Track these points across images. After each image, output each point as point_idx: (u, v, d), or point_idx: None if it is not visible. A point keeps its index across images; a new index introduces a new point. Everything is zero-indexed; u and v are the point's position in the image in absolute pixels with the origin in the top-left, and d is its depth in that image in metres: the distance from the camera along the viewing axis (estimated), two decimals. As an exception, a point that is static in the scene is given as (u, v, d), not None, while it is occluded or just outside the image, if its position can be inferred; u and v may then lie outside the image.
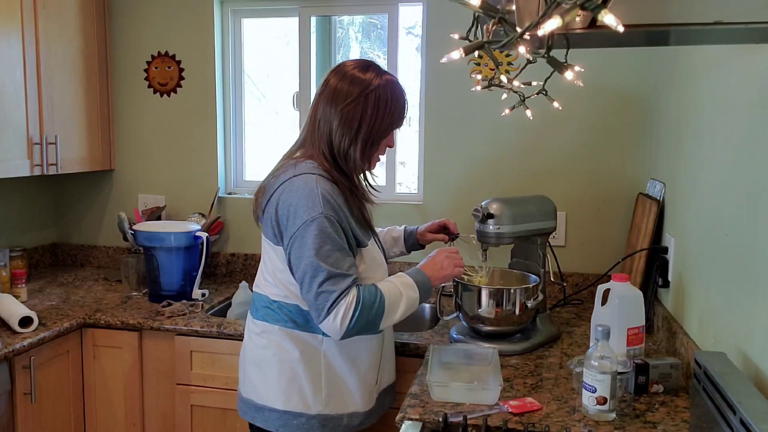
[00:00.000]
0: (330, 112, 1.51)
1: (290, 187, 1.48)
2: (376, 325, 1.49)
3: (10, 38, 2.20)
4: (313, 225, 1.43)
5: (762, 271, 1.19)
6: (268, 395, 1.57)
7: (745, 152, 1.31)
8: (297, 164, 1.53)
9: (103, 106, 2.71)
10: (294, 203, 1.46)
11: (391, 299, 1.49)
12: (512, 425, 1.34)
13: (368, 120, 1.50)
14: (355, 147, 1.51)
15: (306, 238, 1.44)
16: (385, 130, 1.54)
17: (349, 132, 1.50)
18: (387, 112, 1.52)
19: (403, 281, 1.55)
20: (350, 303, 1.43)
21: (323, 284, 1.42)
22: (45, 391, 2.01)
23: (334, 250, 1.44)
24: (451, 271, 1.62)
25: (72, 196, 2.90)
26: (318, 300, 1.44)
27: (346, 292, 1.43)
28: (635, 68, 2.29)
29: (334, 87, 1.52)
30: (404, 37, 2.64)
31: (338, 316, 1.42)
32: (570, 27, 0.89)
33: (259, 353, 1.60)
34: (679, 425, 1.36)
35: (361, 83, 1.50)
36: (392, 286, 1.52)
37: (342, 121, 1.50)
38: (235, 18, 2.73)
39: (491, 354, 1.65)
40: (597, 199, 2.39)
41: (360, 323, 1.44)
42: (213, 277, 2.71)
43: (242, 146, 2.80)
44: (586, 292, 2.29)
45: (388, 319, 1.50)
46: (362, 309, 1.43)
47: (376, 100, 1.50)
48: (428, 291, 1.58)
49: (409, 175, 2.70)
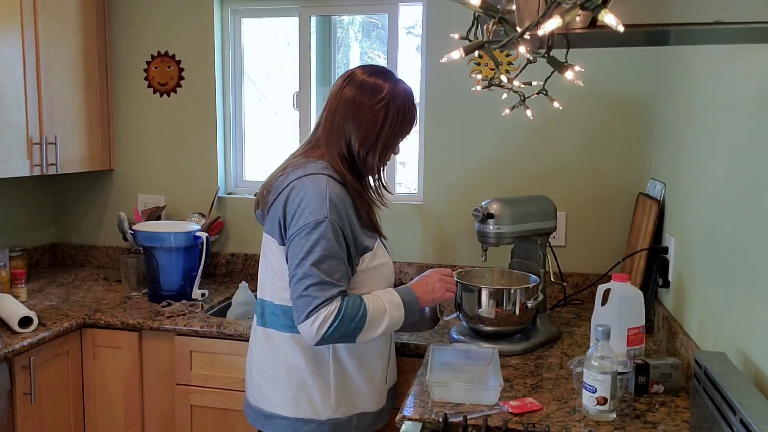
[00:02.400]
0: (351, 116, 1.52)
1: (300, 185, 1.48)
2: (352, 338, 1.48)
3: (9, 38, 2.20)
4: (316, 228, 1.43)
5: (762, 271, 1.19)
6: (277, 403, 1.56)
7: (745, 152, 1.31)
8: (308, 163, 1.53)
9: (103, 106, 2.70)
10: (302, 203, 1.46)
11: (373, 316, 1.48)
12: (512, 425, 1.34)
13: (389, 126, 1.53)
14: (374, 152, 1.54)
15: (306, 240, 1.43)
16: (402, 135, 1.58)
17: (370, 137, 1.52)
18: (406, 119, 1.56)
19: (390, 298, 1.53)
20: (331, 312, 1.42)
21: (309, 288, 1.42)
22: (45, 391, 2.00)
23: (329, 257, 1.44)
24: (441, 295, 1.61)
25: (72, 196, 2.90)
26: (300, 301, 1.44)
27: (330, 301, 1.43)
28: (635, 68, 2.29)
29: (354, 93, 1.53)
30: (404, 37, 2.63)
31: (316, 323, 1.42)
32: (570, 27, 0.89)
33: (266, 360, 1.59)
34: (679, 425, 1.36)
35: (382, 90, 1.52)
36: (378, 302, 1.51)
37: (364, 127, 1.52)
38: (235, 18, 2.73)
39: (491, 354, 1.65)
40: (597, 199, 2.39)
41: (336, 334, 1.43)
42: (213, 277, 2.70)
43: (242, 146, 2.80)
44: (586, 292, 2.29)
45: (367, 334, 1.48)
46: (341, 320, 1.42)
47: (396, 108, 1.53)
48: (414, 311, 1.56)
49: (409, 175, 2.70)
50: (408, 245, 2.55)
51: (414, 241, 2.55)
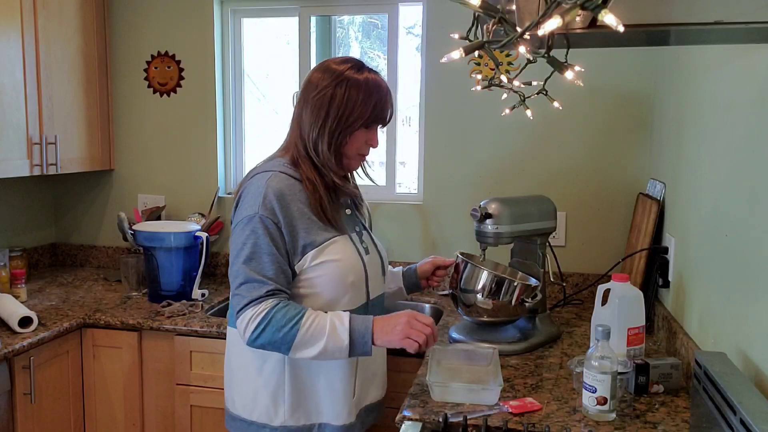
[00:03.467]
0: (303, 103, 1.49)
1: (245, 185, 1.48)
2: (284, 349, 1.39)
3: (9, 38, 2.20)
4: (248, 224, 1.40)
5: (762, 272, 1.19)
6: (238, 404, 1.53)
7: (745, 152, 1.31)
8: (266, 162, 1.52)
9: (102, 106, 2.70)
10: (240, 202, 1.45)
11: (308, 332, 1.37)
12: (512, 425, 1.34)
13: (335, 109, 1.44)
14: (322, 138, 1.46)
15: (238, 237, 1.41)
16: (354, 122, 1.46)
17: (317, 121, 1.45)
18: (356, 104, 1.45)
19: (340, 321, 1.39)
20: (257, 314, 1.36)
21: (240, 287, 1.39)
22: (45, 391, 2.00)
23: (259, 254, 1.39)
24: (398, 339, 1.40)
25: (72, 196, 2.90)
26: (233, 300, 1.41)
27: (258, 302, 1.37)
28: (635, 68, 2.29)
29: (309, 79, 1.50)
30: (404, 37, 2.63)
31: (243, 323, 1.38)
32: (570, 27, 0.89)
33: (229, 360, 1.57)
34: (679, 425, 1.36)
35: (332, 73, 1.46)
36: (321, 320, 1.39)
37: (311, 111, 1.46)
38: (235, 18, 2.73)
39: (491, 354, 1.65)
40: (597, 199, 2.39)
41: (264, 339, 1.37)
42: (213, 277, 2.70)
43: (242, 146, 2.80)
44: (586, 292, 2.29)
45: (298, 351, 1.38)
46: (268, 325, 1.36)
47: (346, 90, 1.44)
48: (363, 346, 1.40)
49: (409, 175, 2.70)
50: (408, 245, 2.55)
51: (414, 241, 2.55)
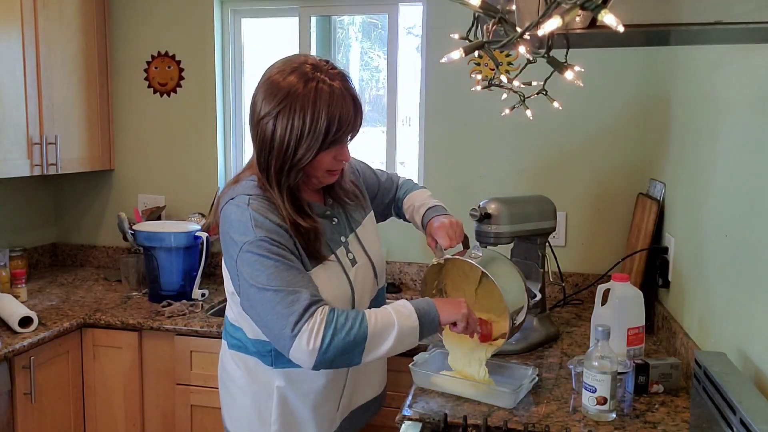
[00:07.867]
0: (250, 127, 1.32)
1: (224, 214, 1.32)
2: (354, 356, 1.22)
3: (10, 38, 2.20)
4: (247, 253, 1.24)
5: (762, 271, 1.19)
6: (230, 419, 1.49)
7: (746, 152, 1.31)
8: (237, 185, 1.34)
9: (103, 106, 2.70)
10: (228, 231, 1.29)
11: (379, 323, 1.22)
12: (512, 425, 1.34)
13: (279, 145, 1.25)
14: (277, 175, 1.29)
15: (243, 270, 1.24)
16: (305, 154, 1.25)
17: (265, 158, 1.28)
18: (304, 135, 1.23)
19: (400, 305, 1.28)
20: (316, 326, 1.18)
21: (276, 309, 1.19)
22: (45, 391, 2.01)
23: (280, 270, 1.21)
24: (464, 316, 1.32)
25: (72, 196, 2.90)
26: (273, 330, 1.21)
27: (308, 314, 1.19)
28: (635, 68, 2.29)
29: (252, 98, 1.30)
30: (404, 37, 2.64)
31: (303, 343, 1.17)
32: (570, 27, 0.89)
33: (221, 374, 1.52)
34: (679, 425, 1.36)
35: (273, 95, 1.24)
36: (382, 310, 1.26)
37: (258, 144, 1.29)
38: (235, 18, 2.73)
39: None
40: (597, 199, 2.39)
41: (335, 350, 1.18)
42: (213, 277, 2.70)
43: (242, 146, 2.80)
44: (586, 292, 2.29)
45: (372, 350, 1.22)
46: (335, 333, 1.18)
47: (289, 120, 1.22)
48: (433, 323, 1.28)
49: (409, 175, 2.69)
50: (408, 245, 2.55)
51: (414, 241, 2.55)
